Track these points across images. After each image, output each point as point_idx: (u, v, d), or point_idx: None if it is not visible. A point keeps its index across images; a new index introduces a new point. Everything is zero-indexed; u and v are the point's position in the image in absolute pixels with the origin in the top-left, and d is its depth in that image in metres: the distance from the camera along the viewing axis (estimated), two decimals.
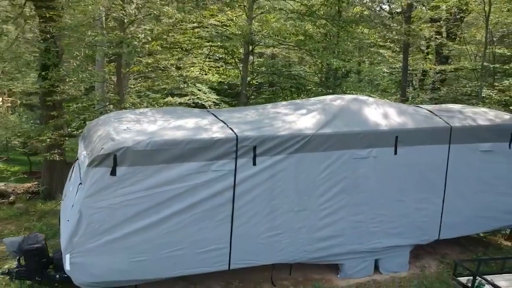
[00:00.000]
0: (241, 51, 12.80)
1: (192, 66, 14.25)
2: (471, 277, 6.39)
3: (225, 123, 6.70)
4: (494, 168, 7.97)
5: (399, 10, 17.15)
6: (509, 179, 8.12)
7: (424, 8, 15.17)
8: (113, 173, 5.72)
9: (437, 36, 14.40)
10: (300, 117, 7.07)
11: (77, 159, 7.22)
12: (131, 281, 6.24)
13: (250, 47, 11.63)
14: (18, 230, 8.85)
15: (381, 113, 7.44)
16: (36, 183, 13.66)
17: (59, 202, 11.42)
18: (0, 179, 13.67)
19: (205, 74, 13.73)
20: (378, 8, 19.86)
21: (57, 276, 6.43)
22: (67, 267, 5.83)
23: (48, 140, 10.46)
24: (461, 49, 16.20)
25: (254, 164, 6.41)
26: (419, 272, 7.75)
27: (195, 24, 11.27)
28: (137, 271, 6.07)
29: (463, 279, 6.51)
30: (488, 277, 6.35)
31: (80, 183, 5.99)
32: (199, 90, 14.92)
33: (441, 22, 14.91)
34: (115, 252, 5.90)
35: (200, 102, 14.57)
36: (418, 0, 13.82)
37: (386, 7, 19.40)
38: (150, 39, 8.65)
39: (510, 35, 16.48)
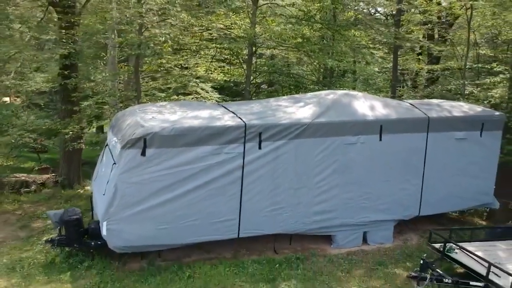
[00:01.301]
0: (245, 52, 13.97)
1: (198, 67, 15.38)
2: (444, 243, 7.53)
3: (234, 113, 7.86)
4: (467, 154, 9.14)
5: (393, 12, 18.29)
6: (481, 164, 9.29)
7: (417, 10, 16.22)
8: (143, 153, 6.87)
9: (421, 39, 15.58)
10: (299, 109, 8.25)
11: (107, 145, 8.40)
12: (156, 246, 7.39)
13: (253, 49, 12.79)
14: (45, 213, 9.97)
15: (368, 106, 8.60)
16: (53, 174, 14.80)
17: (77, 190, 12.61)
18: (21, 171, 14.85)
19: (211, 73, 14.88)
20: (373, 11, 21.06)
21: (93, 243, 7.54)
22: (103, 232, 6.95)
23: (71, 132, 11.56)
24: (451, 50, 17.34)
25: (260, 148, 7.57)
26: (402, 243, 8.90)
27: (203, 28, 12.46)
28: (161, 238, 7.20)
29: (437, 245, 7.64)
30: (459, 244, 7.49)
31: (114, 163, 7.15)
32: (202, 89, 16.04)
33: (429, 25, 16.05)
34: (143, 221, 7.03)
35: (204, 100, 15.69)
36: (408, 2, 14.96)
37: (381, 9, 20.58)
38: (169, 41, 9.78)
39: (497, 36, 17.61)
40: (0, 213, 10.00)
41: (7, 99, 22.00)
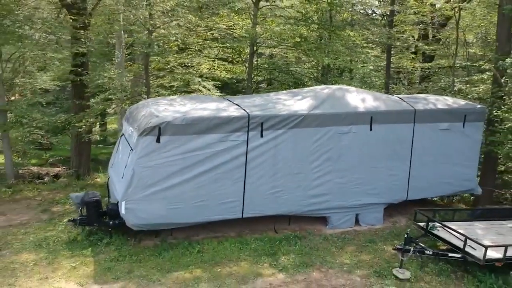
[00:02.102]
0: (246, 51, 14.84)
1: (201, 65, 16.24)
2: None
3: (239, 105, 8.69)
4: (451, 143, 9.95)
5: (388, 13, 19.17)
6: (463, 152, 10.10)
7: (410, 10, 17.05)
8: (158, 140, 7.68)
9: (411, 38, 16.45)
10: (296, 102, 9.09)
11: (123, 134, 9.24)
12: (168, 225, 8.19)
13: (255, 48, 13.66)
14: (67, 197, 10.78)
15: (360, 99, 9.44)
16: (64, 167, 15.65)
17: (88, 182, 13.41)
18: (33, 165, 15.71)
19: (214, 71, 15.76)
20: (370, 11, 21.90)
21: (111, 222, 8.36)
22: (122, 211, 7.76)
23: (84, 126, 12.41)
24: (443, 49, 18.18)
25: (262, 136, 8.39)
26: (391, 225, 9.73)
27: (207, 28, 13.34)
28: (173, 217, 8.01)
29: (421, 224, 8.47)
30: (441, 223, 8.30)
31: (131, 150, 7.98)
32: (204, 87, 16.89)
33: (422, 25, 16.91)
34: (158, 201, 7.82)
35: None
36: (401, 3, 15.82)
37: (376, 9, 21.43)
38: (180, 41, 10.62)
39: (486, 36, 18.45)
40: (22, 199, 10.85)
41: (12, 98, 22.80)
